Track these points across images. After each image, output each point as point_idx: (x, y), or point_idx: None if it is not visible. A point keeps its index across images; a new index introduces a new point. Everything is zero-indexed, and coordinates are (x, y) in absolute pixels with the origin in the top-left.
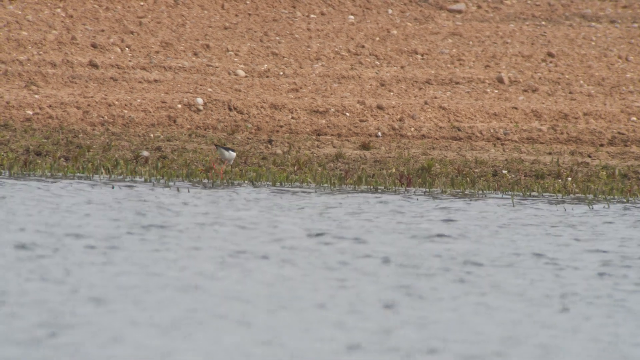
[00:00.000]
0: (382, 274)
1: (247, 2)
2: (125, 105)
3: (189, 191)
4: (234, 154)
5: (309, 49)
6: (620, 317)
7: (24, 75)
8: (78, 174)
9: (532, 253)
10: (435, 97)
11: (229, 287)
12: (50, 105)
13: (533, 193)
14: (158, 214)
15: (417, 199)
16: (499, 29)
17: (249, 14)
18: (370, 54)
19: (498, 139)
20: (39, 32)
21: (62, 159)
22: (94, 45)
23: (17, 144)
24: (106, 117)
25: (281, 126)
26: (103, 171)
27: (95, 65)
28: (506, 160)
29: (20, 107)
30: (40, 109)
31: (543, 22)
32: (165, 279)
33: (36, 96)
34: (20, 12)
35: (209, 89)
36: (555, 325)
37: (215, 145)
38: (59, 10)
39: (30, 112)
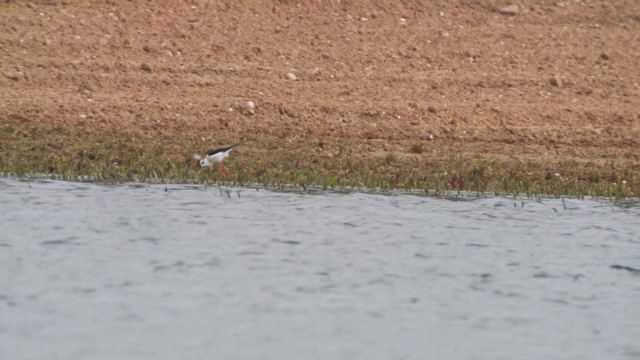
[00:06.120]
0: None
1: (298, 5)
2: (177, 108)
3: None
4: (217, 154)
5: (360, 52)
6: None
7: (77, 79)
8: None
9: None
10: (488, 100)
11: None
12: (103, 109)
13: (587, 196)
14: None
15: None
16: (552, 31)
17: (300, 17)
18: (421, 57)
19: (551, 141)
20: (92, 36)
21: (115, 162)
22: (146, 49)
23: (71, 148)
24: (158, 121)
25: (332, 129)
26: (155, 174)
27: (147, 69)
28: (559, 163)
29: (73, 110)
30: (93, 112)
31: (597, 24)
32: None
33: (89, 100)
34: (73, 16)
35: (260, 93)
36: None
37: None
38: (111, 14)
39: (84, 116)
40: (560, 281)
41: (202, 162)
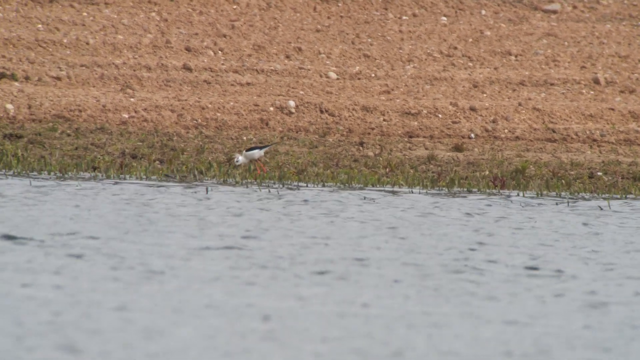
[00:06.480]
0: None
1: (339, 4)
2: (218, 108)
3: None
4: (253, 152)
5: (400, 51)
6: None
7: (119, 78)
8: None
9: None
10: (530, 99)
11: None
12: (145, 109)
13: (629, 195)
14: None
15: None
16: (595, 29)
17: (341, 16)
18: (463, 55)
19: (594, 140)
20: (134, 36)
21: (157, 161)
22: (187, 49)
23: (113, 147)
24: (200, 120)
25: (373, 128)
26: (196, 174)
27: (189, 69)
28: (603, 162)
29: (116, 110)
30: (135, 112)
31: None
32: None
33: (131, 99)
34: (116, 16)
35: (301, 92)
36: None
37: (247, 150)
38: (153, 14)
39: (126, 116)
40: None
41: (237, 160)
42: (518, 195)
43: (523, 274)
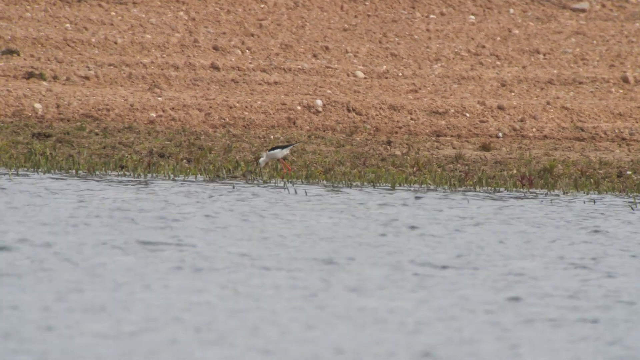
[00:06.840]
0: None
1: (367, 3)
2: (246, 107)
3: None
4: (275, 151)
5: (428, 50)
6: None
7: (147, 78)
8: None
9: None
10: (558, 97)
11: None
12: (173, 108)
13: None
14: None
15: None
16: (623, 28)
17: (368, 15)
18: (490, 54)
19: (623, 139)
20: (162, 35)
21: (185, 160)
22: (215, 48)
23: (141, 146)
24: (227, 119)
25: (400, 127)
26: (224, 173)
27: (216, 68)
28: (632, 161)
29: (144, 109)
30: (163, 111)
31: None
32: None
33: (159, 99)
34: (144, 16)
35: (328, 91)
36: None
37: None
38: (181, 13)
39: (154, 115)
40: None
41: (259, 162)
42: None
43: None
